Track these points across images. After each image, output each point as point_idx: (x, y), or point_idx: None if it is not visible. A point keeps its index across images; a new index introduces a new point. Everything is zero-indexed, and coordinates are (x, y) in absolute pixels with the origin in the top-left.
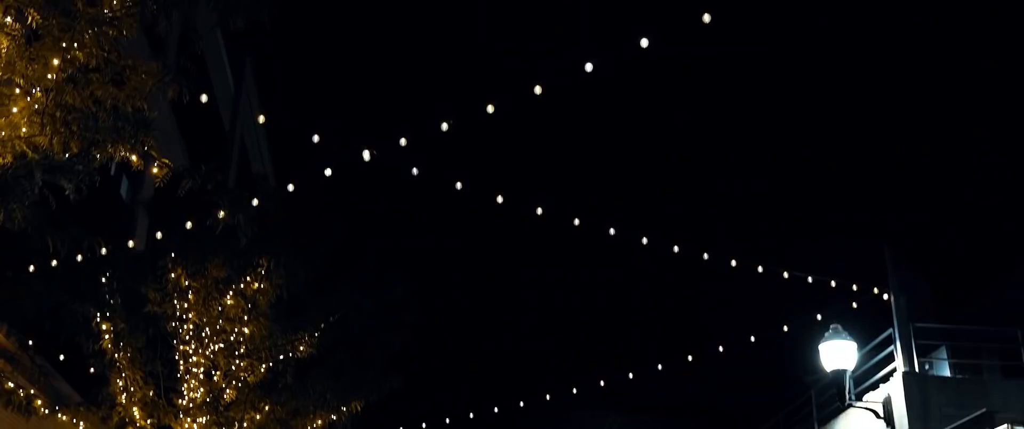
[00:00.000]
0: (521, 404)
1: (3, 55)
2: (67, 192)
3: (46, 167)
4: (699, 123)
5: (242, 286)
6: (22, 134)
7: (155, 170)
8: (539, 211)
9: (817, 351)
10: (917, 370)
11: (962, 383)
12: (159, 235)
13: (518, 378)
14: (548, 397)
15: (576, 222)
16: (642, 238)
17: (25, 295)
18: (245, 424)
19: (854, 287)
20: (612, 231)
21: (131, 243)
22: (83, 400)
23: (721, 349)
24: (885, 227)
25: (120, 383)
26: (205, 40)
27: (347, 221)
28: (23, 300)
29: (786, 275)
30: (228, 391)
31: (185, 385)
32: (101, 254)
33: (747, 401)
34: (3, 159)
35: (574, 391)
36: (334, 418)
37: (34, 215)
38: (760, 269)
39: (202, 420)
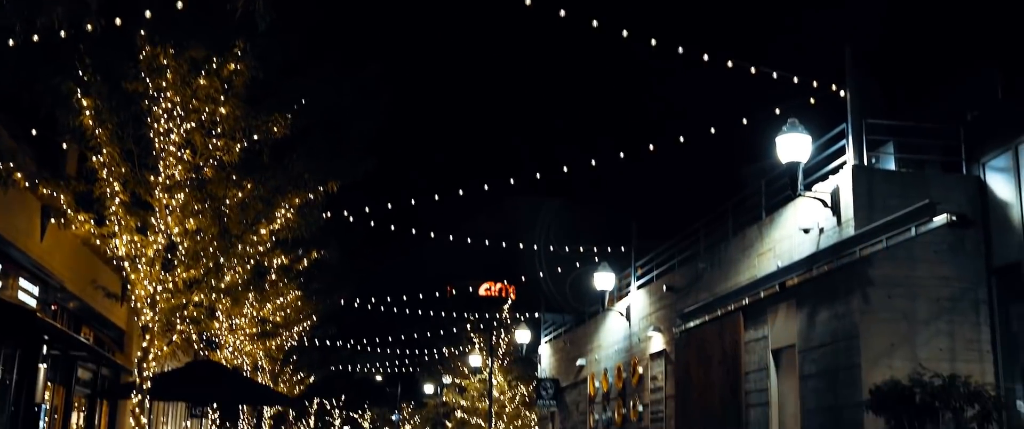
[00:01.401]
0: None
1: None
2: None
3: None
4: None
5: (217, 66)
6: None
7: None
8: None
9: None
10: (865, 163)
11: (906, 177)
12: (148, 13)
13: (475, 163)
14: (512, 181)
15: (562, 14)
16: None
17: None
18: (227, 201)
19: (814, 84)
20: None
21: (117, 21)
22: (56, 174)
23: (681, 140)
24: (844, 29)
25: (100, 159)
26: None
27: (323, 4)
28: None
29: (754, 70)
30: (206, 169)
31: (161, 163)
32: (85, 30)
33: (696, 192)
34: None
35: (538, 176)
36: (311, 197)
37: None
38: (730, 64)
39: (180, 196)
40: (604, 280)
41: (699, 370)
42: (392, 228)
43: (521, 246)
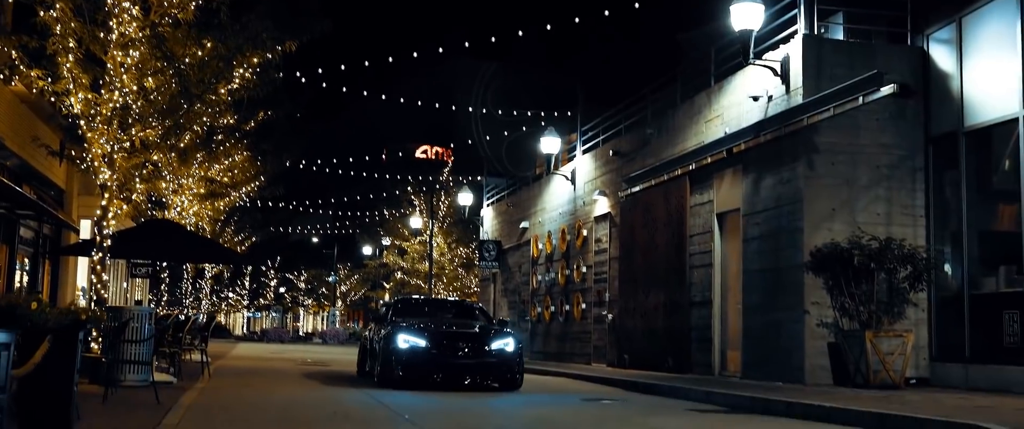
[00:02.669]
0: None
1: None
2: None
3: None
4: None
5: None
6: None
7: None
8: None
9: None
10: (815, 33)
11: (853, 47)
12: None
13: (414, 25)
14: (451, 43)
15: None
16: None
17: None
18: (187, 59)
19: None
20: None
21: None
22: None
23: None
24: None
25: (54, 13)
26: None
27: None
28: None
29: None
30: (161, 26)
31: (114, 20)
32: None
33: (641, 58)
34: None
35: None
36: (269, 57)
37: None
38: None
39: (136, 54)
40: (549, 144)
41: (644, 233)
42: (344, 90)
43: (464, 109)
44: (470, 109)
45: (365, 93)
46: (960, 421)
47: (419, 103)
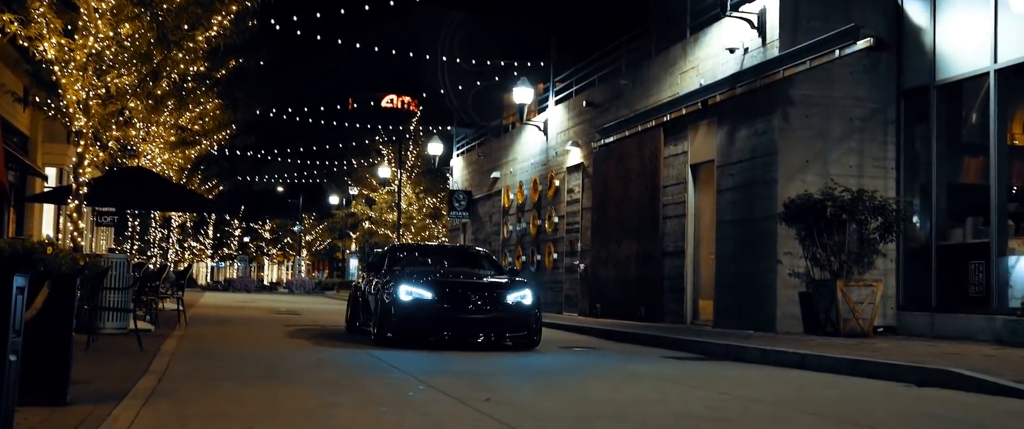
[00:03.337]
0: None
1: None
2: None
3: None
4: None
5: None
6: None
7: None
8: None
9: None
10: None
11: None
12: None
13: None
14: None
15: None
16: None
17: None
18: (164, 5)
19: None
20: None
21: None
22: None
23: None
24: None
25: None
26: None
27: None
28: None
29: None
30: None
31: None
32: None
33: (613, 8)
34: None
35: None
36: (248, 4)
37: None
38: None
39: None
40: (522, 94)
41: (617, 183)
42: (318, 38)
43: (431, 59)
44: (438, 58)
45: (339, 41)
46: (932, 367)
47: (393, 52)
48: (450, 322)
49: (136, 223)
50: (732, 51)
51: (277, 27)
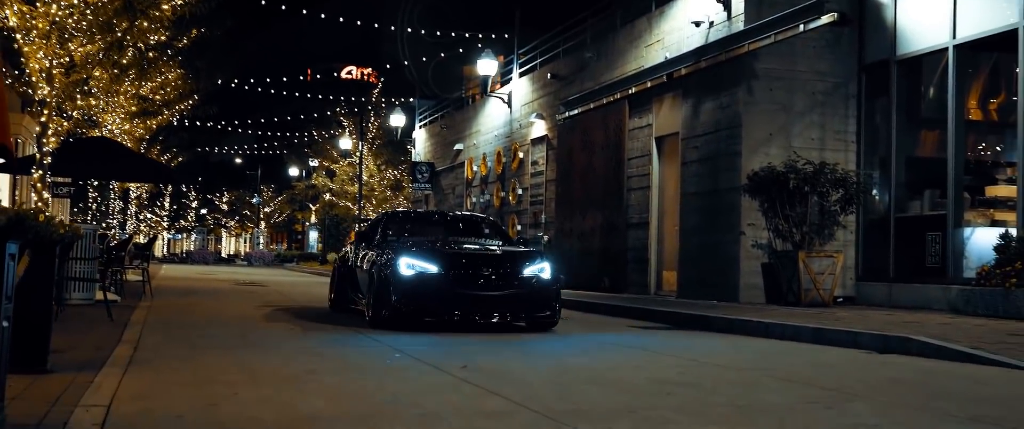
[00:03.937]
0: None
1: None
2: None
3: None
4: None
5: None
6: None
7: None
8: None
9: None
10: None
11: None
12: None
13: None
14: None
15: None
16: None
17: None
18: None
19: None
20: None
21: None
22: None
23: None
24: None
25: None
26: None
27: None
28: None
29: None
30: None
31: None
32: None
33: None
34: None
35: None
36: None
37: None
38: None
39: None
40: (486, 66)
41: (582, 155)
42: (283, 8)
43: (390, 29)
44: (400, 29)
45: (305, 12)
46: (892, 334)
47: (358, 23)
48: (460, 300)
49: (95, 195)
50: (697, 24)
51: None
